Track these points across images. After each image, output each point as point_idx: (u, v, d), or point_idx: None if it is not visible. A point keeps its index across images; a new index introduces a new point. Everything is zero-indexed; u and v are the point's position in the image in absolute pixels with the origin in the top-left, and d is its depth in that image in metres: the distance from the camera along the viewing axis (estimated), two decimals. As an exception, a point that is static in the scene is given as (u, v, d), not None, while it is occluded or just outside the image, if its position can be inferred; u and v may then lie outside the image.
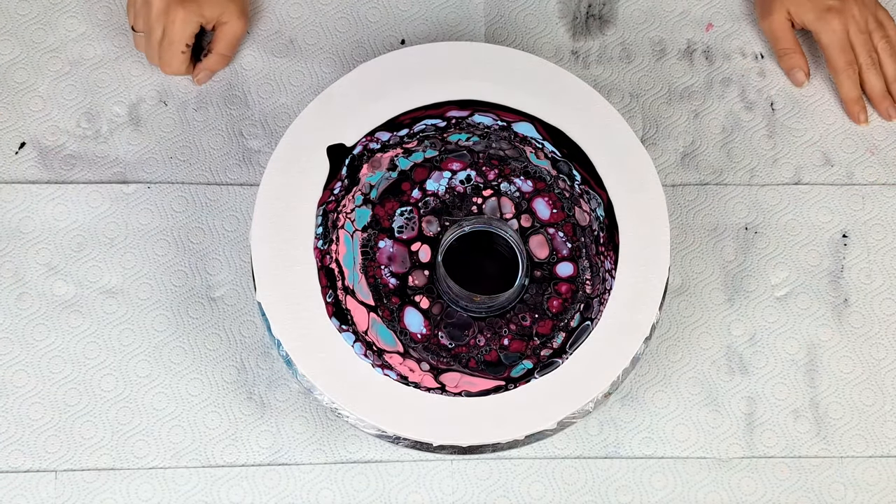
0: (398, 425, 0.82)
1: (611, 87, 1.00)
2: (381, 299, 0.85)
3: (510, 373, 0.83)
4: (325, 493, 0.90)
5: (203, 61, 0.98)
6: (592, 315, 0.84)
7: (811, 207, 0.97)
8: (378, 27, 1.02)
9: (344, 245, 0.86)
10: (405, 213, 0.87)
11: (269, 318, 0.84)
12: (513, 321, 0.85)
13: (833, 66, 0.98)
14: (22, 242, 0.94)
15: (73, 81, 0.99)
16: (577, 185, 0.87)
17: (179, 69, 0.96)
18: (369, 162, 0.88)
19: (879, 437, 0.92)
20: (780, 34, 0.99)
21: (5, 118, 0.98)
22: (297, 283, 0.84)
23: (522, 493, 0.90)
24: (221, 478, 0.90)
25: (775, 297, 0.95)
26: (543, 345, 0.84)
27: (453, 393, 0.82)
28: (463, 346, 0.84)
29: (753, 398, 0.92)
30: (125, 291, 0.94)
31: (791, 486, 0.90)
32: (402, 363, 0.83)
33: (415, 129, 0.89)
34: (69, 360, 0.92)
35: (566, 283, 0.85)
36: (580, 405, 0.82)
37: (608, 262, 0.85)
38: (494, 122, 0.89)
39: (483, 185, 0.88)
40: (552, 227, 0.87)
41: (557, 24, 1.02)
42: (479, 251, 0.88)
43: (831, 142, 0.99)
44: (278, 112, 0.99)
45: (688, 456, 0.91)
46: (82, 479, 0.89)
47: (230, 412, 0.91)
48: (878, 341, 0.94)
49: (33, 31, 1.00)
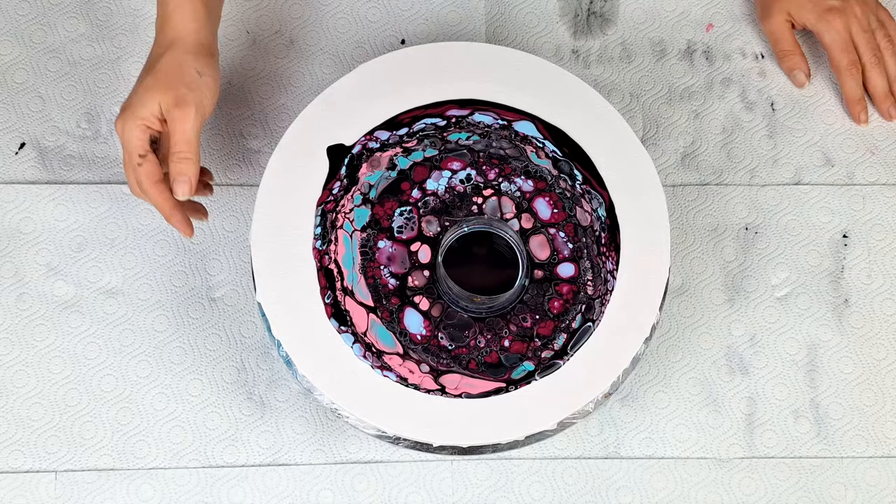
0: (398, 426, 0.82)
1: (611, 87, 1.00)
2: (380, 300, 0.85)
3: (511, 374, 0.83)
4: (326, 494, 0.90)
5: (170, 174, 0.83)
6: (594, 316, 0.84)
7: (811, 208, 0.97)
8: (378, 27, 1.02)
9: (343, 245, 0.86)
10: (405, 212, 0.87)
11: (269, 319, 0.84)
12: (513, 322, 0.85)
13: (836, 65, 0.98)
14: (22, 243, 0.94)
15: (72, 82, 0.99)
16: (578, 184, 0.87)
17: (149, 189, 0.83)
18: (368, 161, 0.88)
19: (880, 438, 0.92)
20: (781, 35, 0.99)
21: (5, 118, 0.98)
22: (298, 284, 0.84)
23: (522, 494, 0.90)
24: (221, 478, 0.90)
25: (775, 298, 0.95)
26: (544, 346, 0.84)
27: (454, 395, 0.82)
28: (463, 347, 0.84)
29: (754, 398, 0.92)
30: (125, 292, 0.94)
31: (791, 487, 0.90)
32: (401, 364, 0.83)
33: (414, 128, 0.89)
34: (69, 361, 0.92)
35: (567, 284, 0.85)
36: (580, 406, 0.82)
37: (610, 263, 0.85)
38: (495, 120, 0.89)
39: (483, 185, 0.88)
40: (553, 228, 0.87)
41: (558, 23, 1.02)
42: (480, 251, 0.88)
43: (832, 142, 0.99)
44: (278, 112, 0.99)
45: (688, 456, 0.91)
46: (82, 480, 0.89)
47: (230, 412, 0.91)
48: (879, 342, 0.94)
49: (33, 32, 1.00)
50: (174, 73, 0.83)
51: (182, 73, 0.84)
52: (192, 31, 0.85)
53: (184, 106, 0.82)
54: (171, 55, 0.84)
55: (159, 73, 0.84)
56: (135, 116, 0.83)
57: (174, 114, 0.82)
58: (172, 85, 0.83)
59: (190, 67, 0.84)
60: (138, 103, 0.83)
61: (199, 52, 0.85)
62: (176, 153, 0.83)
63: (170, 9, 0.86)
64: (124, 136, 0.83)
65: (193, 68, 0.84)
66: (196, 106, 0.83)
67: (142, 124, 0.83)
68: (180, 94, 0.83)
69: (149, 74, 0.84)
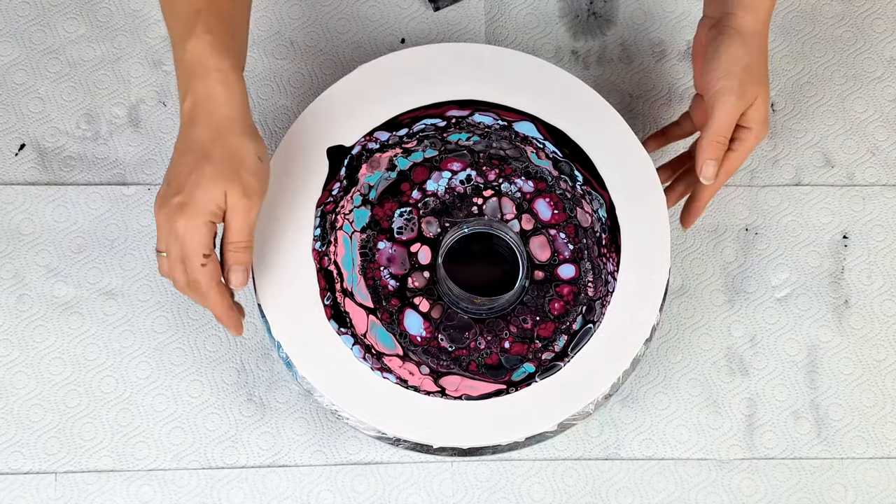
0: (398, 427, 0.82)
1: (611, 87, 1.00)
2: (380, 301, 0.85)
3: (511, 376, 0.83)
4: (326, 495, 0.90)
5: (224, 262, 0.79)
6: (595, 318, 0.84)
7: (811, 208, 0.97)
8: (378, 27, 1.01)
9: (342, 246, 0.86)
10: (405, 213, 0.87)
11: (268, 320, 0.83)
12: (514, 323, 0.85)
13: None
14: (22, 244, 0.94)
15: (72, 83, 0.99)
16: (579, 185, 0.87)
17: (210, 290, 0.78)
18: (368, 162, 0.88)
19: (880, 439, 0.92)
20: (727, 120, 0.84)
21: (5, 120, 0.98)
22: (297, 286, 0.84)
23: (523, 495, 0.90)
24: (221, 479, 0.90)
25: (776, 299, 0.95)
26: (545, 348, 0.84)
27: (454, 397, 0.82)
28: (463, 348, 0.84)
29: (754, 399, 0.92)
30: (125, 293, 0.93)
31: (791, 488, 0.90)
32: (401, 366, 0.83)
33: (414, 128, 0.88)
34: (69, 362, 0.92)
35: (568, 286, 0.85)
36: (580, 407, 0.82)
37: (611, 264, 0.85)
38: (495, 121, 0.89)
39: (484, 186, 0.88)
40: (554, 229, 0.87)
41: (558, 23, 1.02)
42: (480, 252, 0.88)
43: (831, 143, 0.99)
44: (278, 113, 0.99)
45: (688, 457, 0.91)
46: (82, 481, 0.89)
47: (230, 414, 0.91)
48: (879, 342, 0.94)
49: (33, 33, 1.00)
50: (237, 160, 0.76)
51: (244, 159, 0.76)
52: (241, 112, 0.78)
53: (251, 196, 0.76)
54: (230, 140, 0.77)
55: (220, 160, 0.76)
56: (200, 213, 0.75)
57: (240, 205, 0.76)
58: (237, 173, 0.76)
59: (250, 153, 0.77)
60: (203, 197, 0.75)
61: (253, 136, 0.78)
62: (234, 242, 0.77)
63: (211, 83, 0.77)
64: (188, 235, 0.75)
65: (254, 154, 0.77)
66: (260, 195, 0.77)
67: (208, 221, 0.75)
68: (247, 184, 0.76)
69: (207, 163, 0.76)
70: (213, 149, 0.76)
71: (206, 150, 0.76)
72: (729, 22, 0.84)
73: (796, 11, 1.02)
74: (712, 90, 0.83)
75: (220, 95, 0.77)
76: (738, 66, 0.83)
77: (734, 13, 0.84)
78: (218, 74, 0.76)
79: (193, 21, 0.77)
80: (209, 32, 0.77)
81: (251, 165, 0.77)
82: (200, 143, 0.76)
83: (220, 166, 0.75)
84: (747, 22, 0.84)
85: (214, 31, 0.77)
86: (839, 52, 1.01)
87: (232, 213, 0.76)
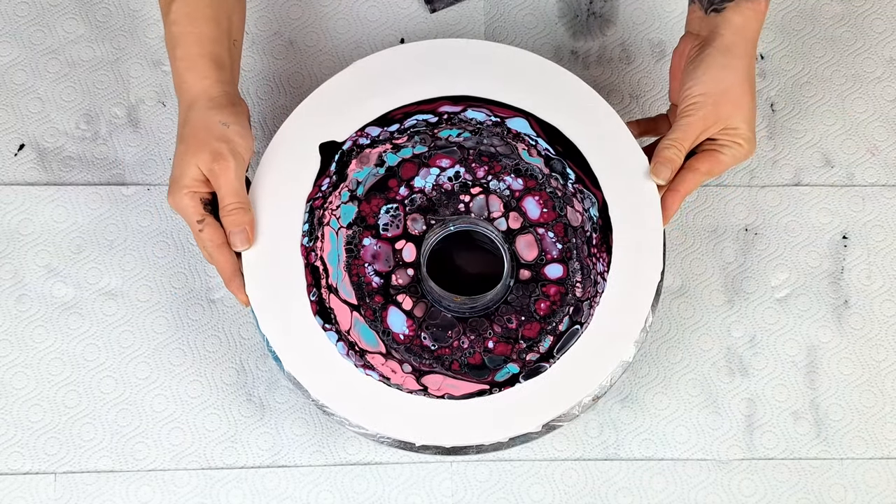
0: (380, 424, 0.81)
1: (610, 87, 1.00)
2: (363, 298, 0.84)
3: (494, 376, 0.83)
4: (325, 496, 0.90)
5: (224, 228, 0.83)
6: (582, 319, 0.83)
7: (811, 209, 0.97)
8: (377, 27, 1.01)
9: (329, 242, 0.85)
10: (391, 210, 0.86)
11: (256, 315, 0.83)
12: (498, 323, 0.84)
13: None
14: (21, 244, 0.94)
15: (72, 83, 0.99)
16: (570, 183, 0.86)
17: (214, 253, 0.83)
18: (358, 158, 0.87)
19: (879, 439, 0.92)
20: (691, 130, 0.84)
21: (4, 120, 0.98)
22: (285, 281, 0.84)
23: (522, 495, 0.90)
24: (221, 480, 0.90)
25: (775, 299, 0.95)
26: (530, 348, 0.83)
27: (436, 396, 0.82)
28: (446, 347, 0.84)
29: (753, 400, 0.92)
30: (125, 293, 0.93)
31: (791, 488, 0.90)
32: (384, 364, 0.83)
33: (406, 124, 0.88)
34: (69, 362, 0.92)
35: (555, 286, 0.84)
36: (565, 409, 0.82)
37: (601, 264, 0.84)
38: (488, 117, 0.88)
39: (472, 183, 0.87)
40: (542, 227, 0.86)
41: (557, 23, 1.02)
42: (466, 250, 0.87)
43: (831, 143, 0.99)
44: (277, 113, 0.99)
45: (688, 458, 0.91)
46: (82, 482, 0.89)
47: (230, 414, 0.91)
48: (879, 343, 0.94)
49: (32, 33, 1.00)
50: (201, 132, 0.82)
51: (208, 129, 0.82)
52: (205, 88, 0.84)
53: (220, 159, 0.81)
54: (194, 116, 0.83)
55: (188, 137, 0.82)
56: (179, 187, 0.81)
57: (214, 169, 0.81)
58: (203, 144, 0.82)
59: (214, 122, 0.83)
60: (179, 173, 0.82)
61: (218, 105, 0.83)
62: (225, 206, 0.82)
63: (181, 71, 0.84)
64: (179, 210, 0.82)
65: (217, 121, 0.83)
66: (232, 155, 0.82)
67: (188, 192, 0.82)
68: (214, 148, 0.81)
69: (180, 142, 0.83)
70: (183, 130, 0.83)
71: (179, 134, 0.84)
72: (716, 42, 0.84)
73: (796, 11, 1.02)
74: (686, 102, 0.84)
75: (188, 78, 0.84)
76: (718, 87, 0.83)
77: (722, 34, 0.84)
78: (183, 63, 0.84)
79: (166, 10, 0.85)
80: (175, 24, 0.85)
81: (216, 132, 0.82)
82: (178, 129, 0.84)
83: (187, 142, 0.82)
84: (735, 45, 0.84)
85: (181, 21, 0.85)
86: (839, 52, 1.01)
87: (213, 178, 0.82)
